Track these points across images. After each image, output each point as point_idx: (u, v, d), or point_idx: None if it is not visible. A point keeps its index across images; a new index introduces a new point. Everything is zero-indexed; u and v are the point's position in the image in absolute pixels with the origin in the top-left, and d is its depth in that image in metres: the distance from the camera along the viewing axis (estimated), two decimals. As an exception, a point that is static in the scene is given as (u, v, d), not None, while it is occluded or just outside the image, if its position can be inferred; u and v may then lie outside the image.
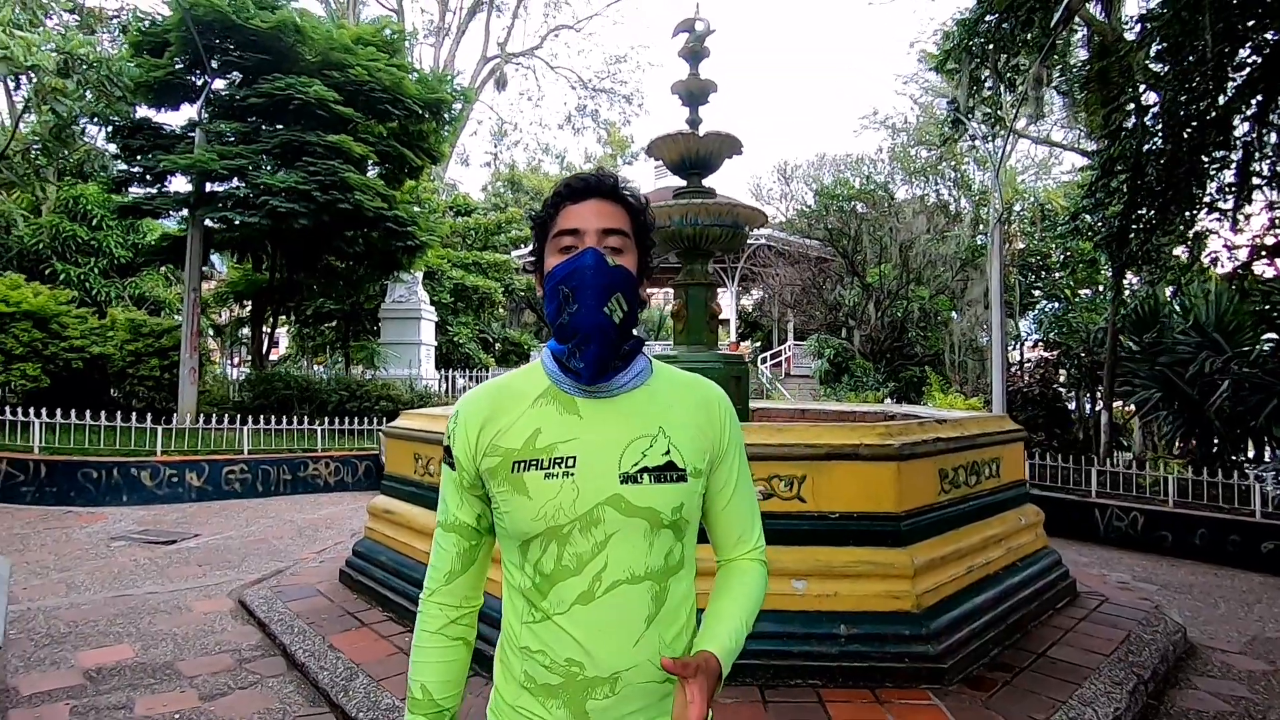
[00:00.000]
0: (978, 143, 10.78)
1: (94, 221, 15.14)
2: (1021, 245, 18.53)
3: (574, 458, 1.00)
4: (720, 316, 5.87)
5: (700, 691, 0.94)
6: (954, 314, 18.23)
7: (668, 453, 1.03)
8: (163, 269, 17.40)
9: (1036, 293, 17.46)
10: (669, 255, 6.04)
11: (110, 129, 10.55)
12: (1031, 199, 20.31)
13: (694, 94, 5.44)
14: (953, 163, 19.48)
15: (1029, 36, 9.34)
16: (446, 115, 12.21)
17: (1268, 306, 9.86)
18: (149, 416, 8.10)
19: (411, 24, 25.52)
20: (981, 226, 16.88)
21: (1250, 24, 6.47)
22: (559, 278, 1.01)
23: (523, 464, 1.01)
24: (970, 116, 10.64)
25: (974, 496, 3.96)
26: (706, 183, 5.44)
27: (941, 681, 3.07)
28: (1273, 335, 10.05)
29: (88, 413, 7.73)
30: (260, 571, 5.13)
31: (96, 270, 15.27)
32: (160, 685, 3.23)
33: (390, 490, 4.72)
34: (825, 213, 16.37)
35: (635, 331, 1.08)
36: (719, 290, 8.23)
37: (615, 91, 29.15)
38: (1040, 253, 16.86)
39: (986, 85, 10.11)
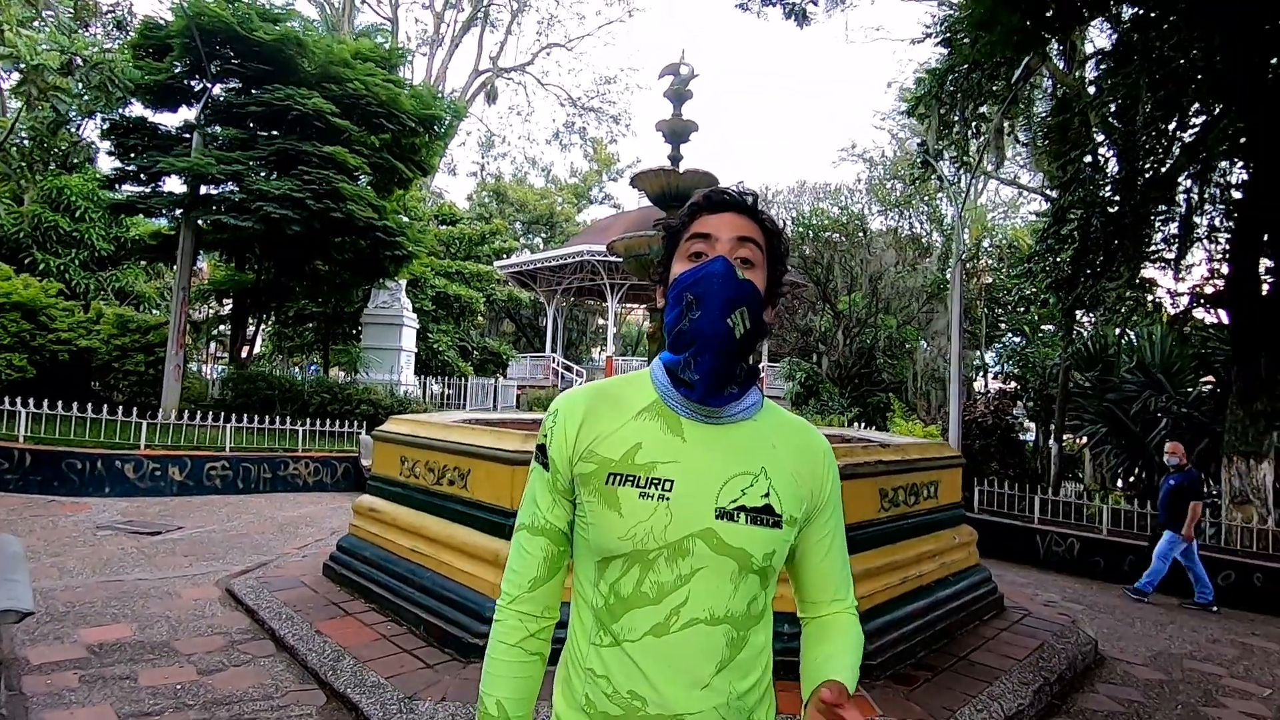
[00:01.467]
0: (945, 184, 11.38)
1: (76, 213, 15.19)
2: (989, 280, 19.32)
3: (672, 481, 0.96)
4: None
5: (860, 711, 0.91)
6: (922, 343, 18.90)
7: (767, 495, 0.98)
8: (142, 263, 17.44)
9: (1002, 325, 18.20)
10: (648, 279, 6.43)
11: (106, 126, 10.74)
12: (1000, 236, 21.18)
13: (677, 132, 5.89)
14: (925, 197, 20.25)
15: (995, 88, 9.99)
16: (438, 129, 12.58)
17: (1206, 351, 10.54)
18: (134, 411, 8.27)
19: (405, 34, 25.87)
20: (950, 260, 17.57)
21: (1185, 100, 7.08)
22: (685, 283, 0.98)
23: (618, 477, 0.97)
24: (939, 159, 11.26)
25: (912, 515, 4.38)
26: (685, 216, 5.85)
27: (871, 677, 3.46)
28: (1211, 378, 10.75)
29: (74, 405, 7.89)
30: (244, 564, 5.36)
31: (77, 262, 15.30)
32: (160, 660, 3.50)
33: (376, 490, 5.02)
34: (801, 241, 16.97)
35: (752, 360, 1.05)
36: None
37: (603, 111, 29.74)
38: (1006, 288, 17.60)
39: (955, 130, 10.73)
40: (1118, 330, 11.69)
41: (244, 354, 13.35)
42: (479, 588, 3.72)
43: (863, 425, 12.49)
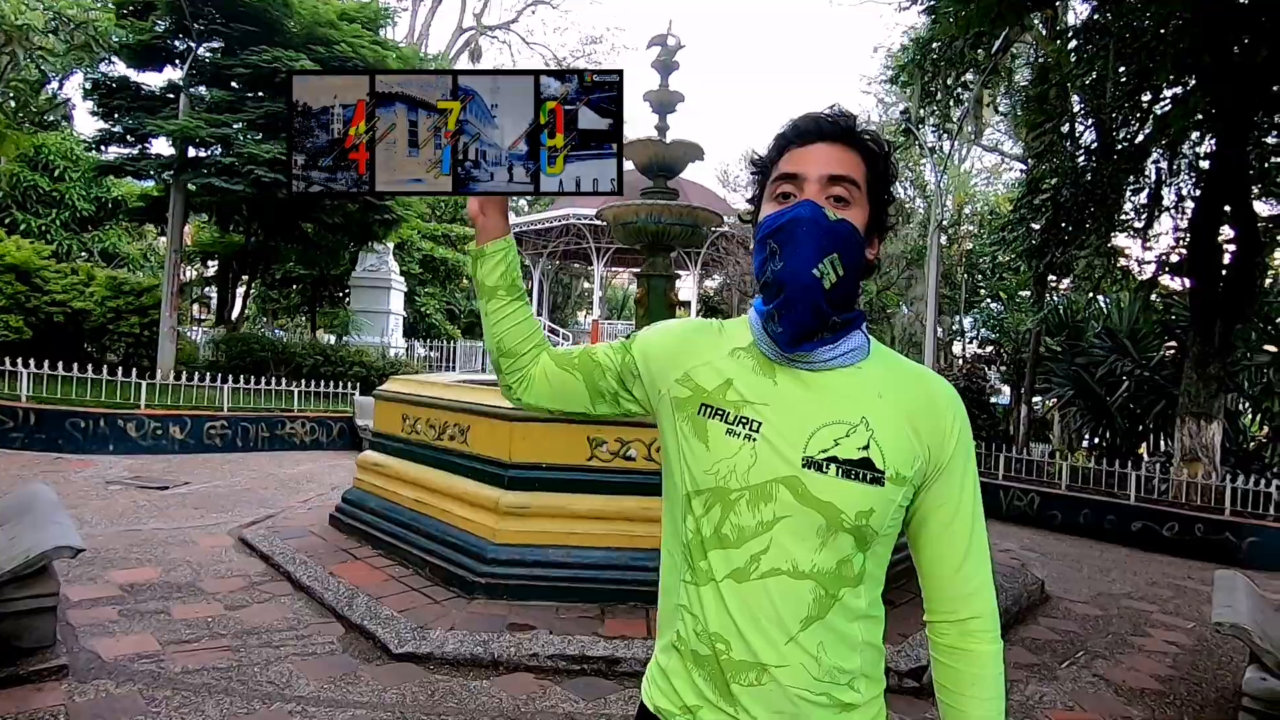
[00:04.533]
0: (926, 151, 11.61)
1: (55, 172, 15.05)
2: (970, 246, 19.68)
3: (760, 423, 0.92)
4: (681, 300, 6.56)
5: None
6: (902, 308, 19.30)
7: (866, 447, 0.90)
8: (124, 224, 17.31)
9: (982, 291, 18.62)
10: (635, 246, 6.68)
11: (89, 86, 10.65)
12: (982, 203, 21.47)
13: (663, 103, 6.08)
14: (909, 164, 20.42)
15: (978, 55, 10.16)
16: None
17: (1170, 317, 10.99)
18: (132, 372, 8.47)
19: (388, -11, 25.24)
20: (930, 226, 17.88)
21: (1156, 74, 7.33)
22: (768, 229, 0.92)
23: (709, 409, 0.95)
24: (921, 126, 11.46)
25: (879, 468, 4.75)
26: (671, 184, 6.08)
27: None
28: (1173, 344, 11.22)
29: (75, 366, 8.06)
30: (253, 516, 5.67)
31: (58, 222, 15.21)
32: (188, 598, 3.82)
33: (378, 446, 5.33)
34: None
35: (856, 304, 0.96)
36: (681, 274, 8.99)
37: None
38: (986, 254, 17.98)
39: (937, 98, 10.92)
40: (1088, 296, 12.10)
41: (232, 317, 13.47)
42: (480, 532, 4.05)
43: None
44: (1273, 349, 9.53)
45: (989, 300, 18.16)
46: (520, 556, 3.91)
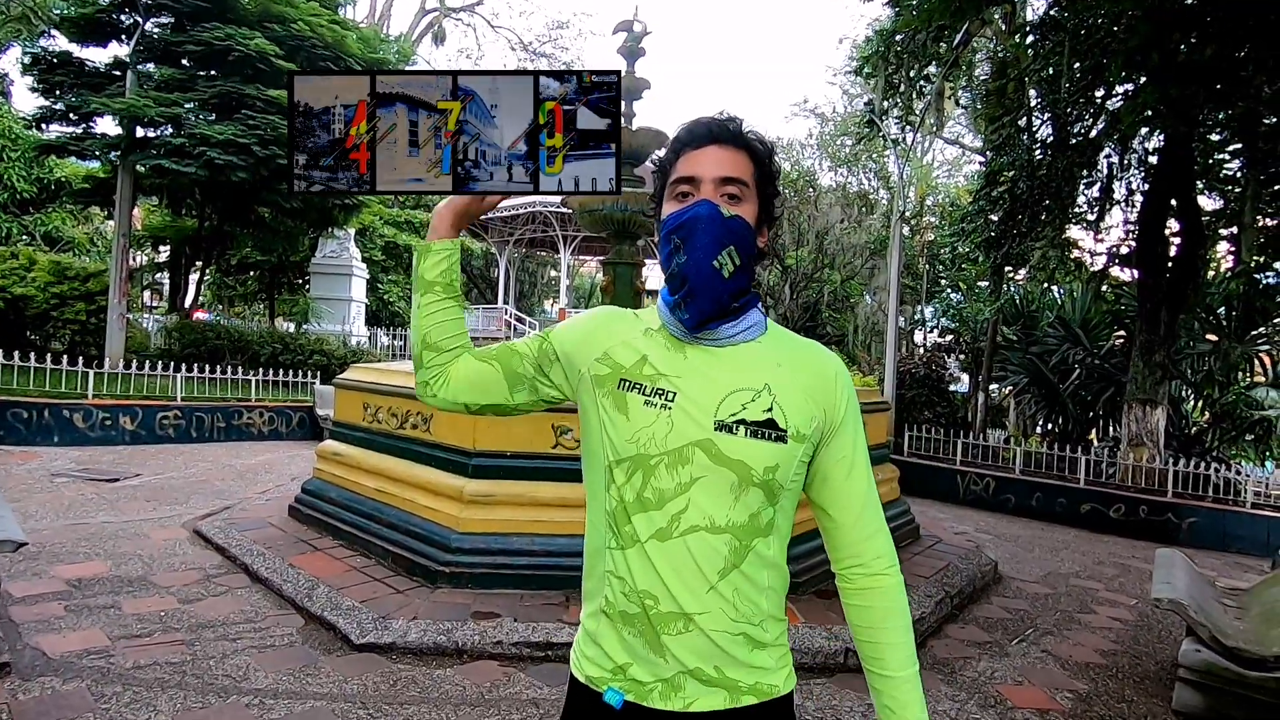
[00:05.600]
0: (889, 143, 11.76)
1: (-7, 153, 14.37)
2: (931, 237, 20.04)
3: (674, 393, 1.00)
4: (648, 288, 6.56)
5: None
6: (866, 298, 19.58)
7: (770, 410, 1.00)
8: (69, 207, 16.63)
9: (943, 281, 19.00)
10: (601, 234, 6.65)
11: (28, 60, 10.16)
12: (944, 194, 21.86)
13: (629, 90, 6.03)
14: (874, 155, 20.68)
15: (940, 49, 10.31)
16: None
17: (1120, 307, 11.37)
18: (79, 361, 8.16)
19: (347, -33, 24.54)
20: (894, 217, 18.15)
21: (1108, 70, 7.53)
22: (671, 226, 1.00)
23: (628, 383, 1.03)
24: (885, 118, 11.60)
25: (840, 454, 4.84)
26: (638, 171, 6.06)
27: (798, 593, 3.93)
28: (1122, 333, 11.62)
29: (16, 354, 7.73)
30: (208, 508, 5.53)
31: (-2, 204, 14.55)
32: (139, 592, 3.72)
33: (339, 435, 5.23)
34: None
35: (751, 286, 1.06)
36: (648, 262, 8.99)
37: (556, 56, 29.01)
38: (947, 245, 18.33)
39: (900, 90, 11.06)
40: (1043, 287, 12.44)
41: (185, 304, 13.04)
42: (444, 521, 4.02)
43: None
44: (1214, 338, 9.93)
45: (949, 290, 18.54)
46: (485, 545, 3.89)
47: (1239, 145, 8.38)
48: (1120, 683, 3.49)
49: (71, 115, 9.85)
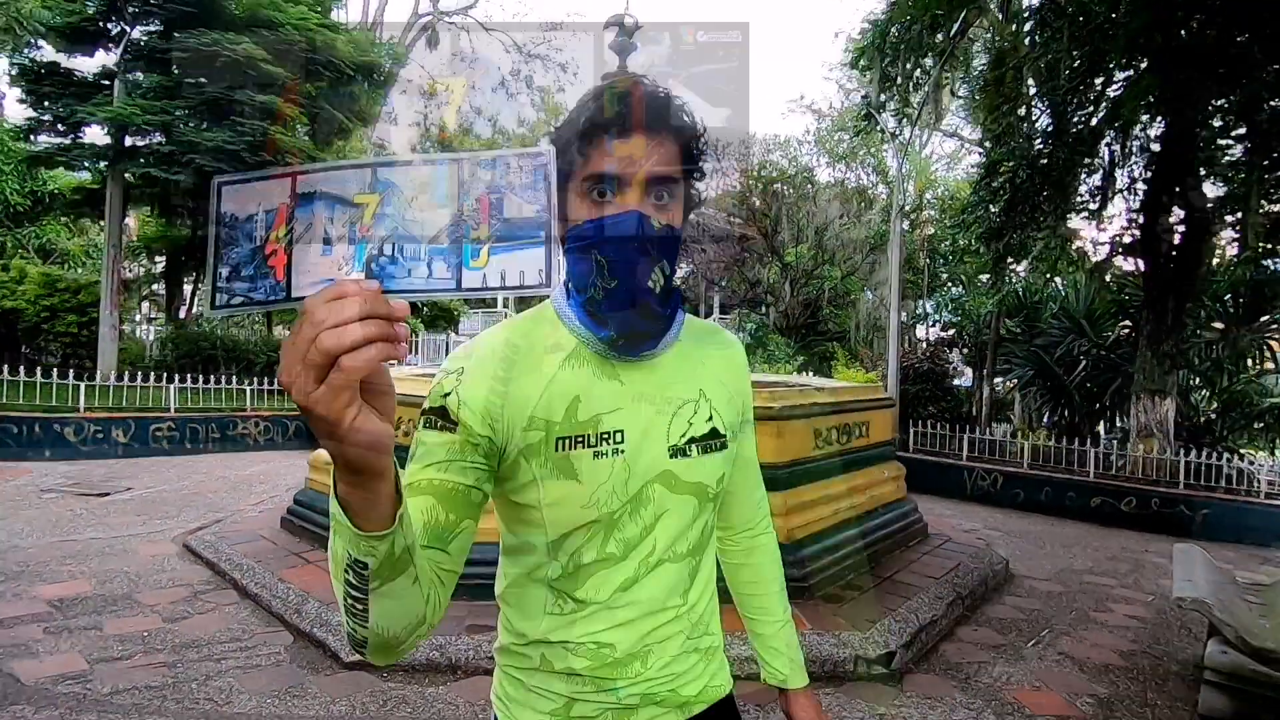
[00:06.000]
0: (887, 137, 11.65)
1: (-15, 164, 14.27)
2: (931, 231, 19.90)
3: (622, 431, 0.86)
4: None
5: None
6: (866, 294, 19.46)
7: (710, 418, 0.92)
8: (63, 219, 16.55)
9: (943, 275, 18.86)
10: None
11: (15, 71, 10.06)
12: (942, 188, 21.72)
13: (622, 86, 5.91)
14: (871, 150, 20.56)
15: (936, 39, 10.19)
16: (378, 77, 12.17)
17: (1124, 297, 11.23)
18: (70, 374, 8.04)
19: (339, -27, 24.44)
20: (894, 212, 18.04)
21: (1109, 57, 7.41)
22: (591, 239, 0.83)
23: (568, 440, 0.85)
24: (881, 112, 11.48)
25: (845, 452, 4.71)
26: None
27: (803, 597, 3.79)
28: (1128, 323, 11.48)
29: (5, 368, 7.62)
30: (200, 521, 5.41)
31: (-10, 218, 14.44)
32: (123, 611, 3.59)
33: (331, 444, 5.10)
34: (750, 194, 17.15)
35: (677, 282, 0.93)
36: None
37: (550, 58, 28.91)
38: (947, 238, 18.20)
39: (897, 83, 10.94)
40: (1045, 279, 12.31)
41: (182, 313, 12.94)
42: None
43: (809, 373, 12.95)
44: (1221, 326, 9.79)
45: (950, 284, 18.41)
46: (480, 555, 3.74)
47: (1242, 131, 8.25)
48: (1142, 685, 3.36)
49: (60, 125, 9.75)
